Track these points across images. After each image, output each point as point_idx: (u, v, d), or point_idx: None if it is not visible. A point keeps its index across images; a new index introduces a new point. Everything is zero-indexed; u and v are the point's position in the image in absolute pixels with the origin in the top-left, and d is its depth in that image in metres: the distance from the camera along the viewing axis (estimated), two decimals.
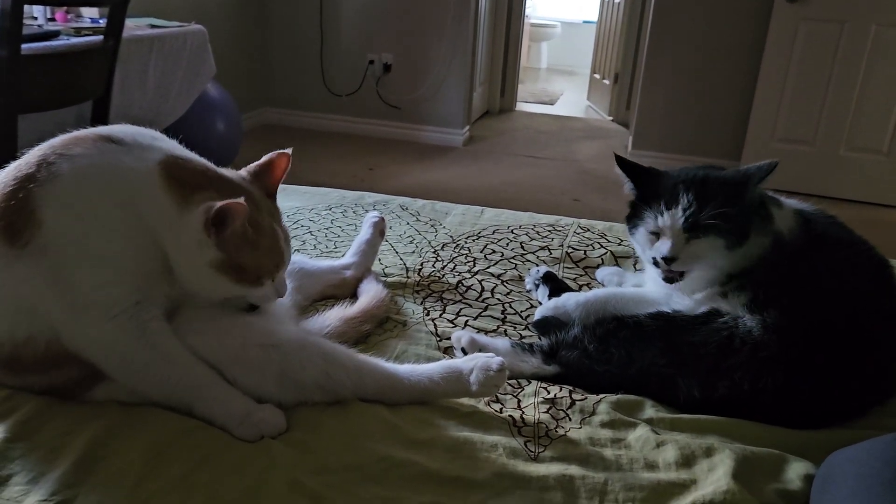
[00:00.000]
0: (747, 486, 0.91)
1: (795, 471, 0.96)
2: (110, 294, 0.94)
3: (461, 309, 1.42)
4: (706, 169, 1.26)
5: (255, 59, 4.93)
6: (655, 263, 1.25)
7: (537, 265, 1.61)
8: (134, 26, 2.84)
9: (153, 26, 2.93)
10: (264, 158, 1.09)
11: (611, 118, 6.13)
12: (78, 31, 2.59)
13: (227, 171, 1.05)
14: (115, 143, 0.98)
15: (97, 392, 1.01)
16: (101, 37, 2.34)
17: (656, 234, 1.23)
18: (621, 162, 1.29)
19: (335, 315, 1.26)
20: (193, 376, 0.98)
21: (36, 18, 2.70)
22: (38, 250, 0.92)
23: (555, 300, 1.38)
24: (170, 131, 1.10)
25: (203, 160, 1.04)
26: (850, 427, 1.09)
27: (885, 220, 3.90)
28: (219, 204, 0.91)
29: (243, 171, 1.08)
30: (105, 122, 2.40)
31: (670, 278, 1.24)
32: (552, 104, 6.91)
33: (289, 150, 1.10)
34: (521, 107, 6.52)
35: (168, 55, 2.88)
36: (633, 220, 1.28)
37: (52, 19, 2.80)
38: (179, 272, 0.98)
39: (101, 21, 2.78)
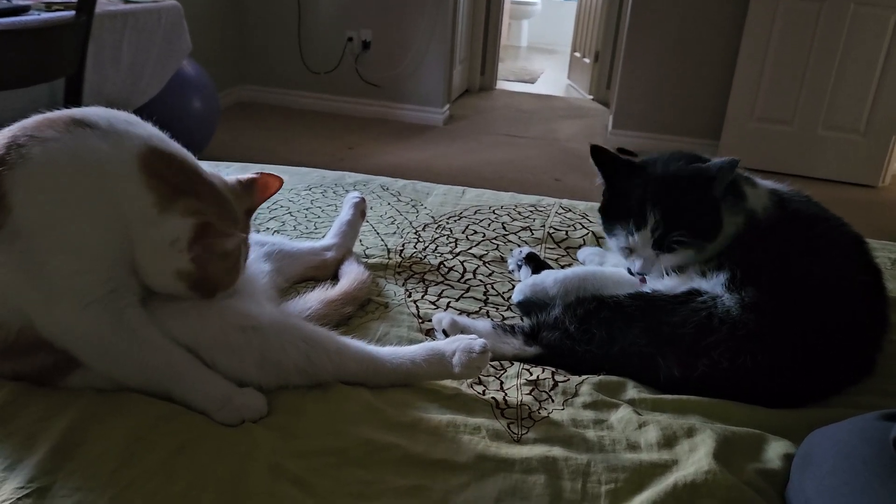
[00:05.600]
0: (728, 466, 0.92)
1: (775, 450, 0.97)
2: (84, 281, 0.92)
3: (443, 290, 1.41)
4: (678, 164, 1.27)
5: (231, 36, 4.84)
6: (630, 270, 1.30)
7: (519, 246, 1.61)
8: (107, 1, 2.78)
9: (127, 1, 2.86)
10: (258, 175, 1.11)
11: (591, 97, 6.12)
12: (49, 6, 2.53)
13: (211, 175, 1.04)
14: (90, 126, 0.95)
15: (72, 380, 0.99)
16: (72, 12, 2.28)
17: (629, 248, 1.26)
18: (597, 155, 1.29)
19: (316, 297, 1.25)
20: (172, 362, 0.96)
21: None
22: (8, 236, 0.89)
23: (533, 278, 1.39)
24: (145, 110, 1.08)
25: (184, 152, 1.03)
26: (827, 406, 1.11)
27: (860, 199, 3.94)
28: (206, 225, 0.94)
29: (233, 179, 1.07)
30: (78, 101, 2.35)
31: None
32: (532, 83, 6.88)
33: (283, 178, 1.13)
34: (502, 85, 6.49)
35: (142, 31, 2.83)
36: (606, 224, 1.31)
37: None
38: (141, 266, 0.97)
39: None
